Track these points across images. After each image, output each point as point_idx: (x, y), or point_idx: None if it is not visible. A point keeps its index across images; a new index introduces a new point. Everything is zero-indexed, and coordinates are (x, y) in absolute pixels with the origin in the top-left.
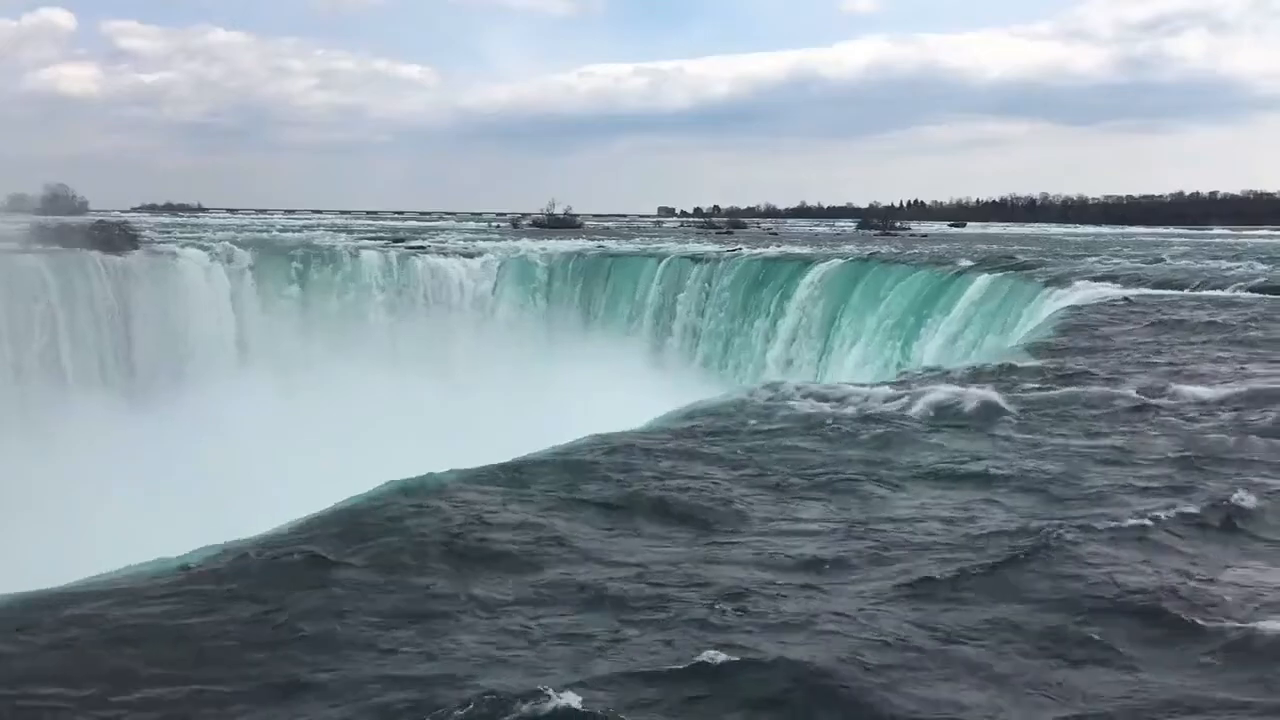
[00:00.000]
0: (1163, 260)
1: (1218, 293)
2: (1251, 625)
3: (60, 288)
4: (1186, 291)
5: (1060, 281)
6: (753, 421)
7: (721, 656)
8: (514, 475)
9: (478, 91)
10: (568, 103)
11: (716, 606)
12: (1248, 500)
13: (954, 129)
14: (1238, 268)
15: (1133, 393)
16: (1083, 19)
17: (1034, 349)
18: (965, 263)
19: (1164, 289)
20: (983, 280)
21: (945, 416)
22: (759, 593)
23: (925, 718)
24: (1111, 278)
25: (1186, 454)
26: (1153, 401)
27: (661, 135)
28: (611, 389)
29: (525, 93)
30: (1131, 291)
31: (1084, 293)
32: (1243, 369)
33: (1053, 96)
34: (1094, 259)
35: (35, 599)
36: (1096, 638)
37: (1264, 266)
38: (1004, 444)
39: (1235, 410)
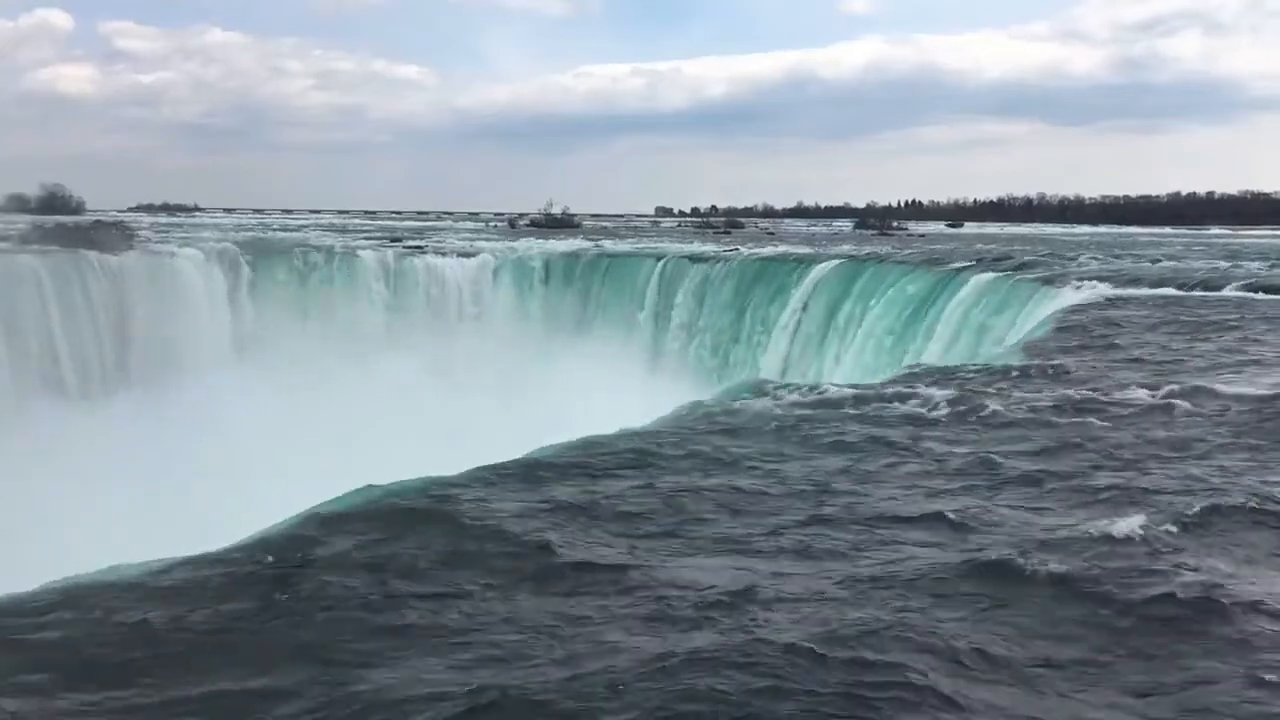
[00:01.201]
0: (1160, 260)
1: (1215, 293)
2: (1249, 624)
3: (57, 288)
4: (1183, 291)
5: (1057, 281)
6: (746, 422)
7: (709, 654)
8: (491, 480)
9: (476, 92)
10: (566, 103)
11: (706, 606)
12: (1244, 501)
13: (952, 129)
14: (1234, 267)
15: (1130, 393)
16: (1079, 20)
17: (1031, 349)
18: (962, 263)
19: (1160, 288)
20: (980, 280)
21: (941, 417)
22: (749, 593)
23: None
24: (1109, 277)
25: (1184, 453)
26: (1150, 401)
27: (659, 135)
28: (610, 389)
29: (523, 93)
30: (1128, 291)
31: (1081, 293)
32: (1238, 368)
33: (1050, 97)
34: (1091, 259)
35: (34, 599)
36: (1092, 637)
37: (1259, 266)
38: (1000, 444)
39: (1234, 409)
